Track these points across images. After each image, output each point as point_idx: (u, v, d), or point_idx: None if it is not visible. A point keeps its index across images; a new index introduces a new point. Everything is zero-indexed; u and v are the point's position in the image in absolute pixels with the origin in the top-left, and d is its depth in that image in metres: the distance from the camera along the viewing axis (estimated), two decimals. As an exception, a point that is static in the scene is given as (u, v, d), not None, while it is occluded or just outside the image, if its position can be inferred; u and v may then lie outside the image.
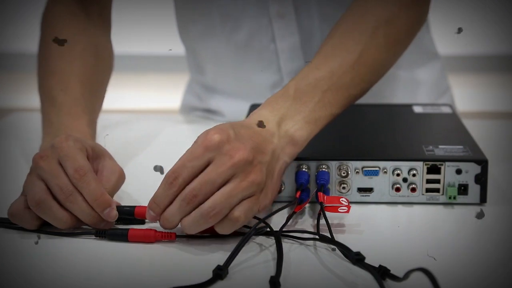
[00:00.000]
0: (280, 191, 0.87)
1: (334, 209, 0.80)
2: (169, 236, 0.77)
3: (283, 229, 0.79)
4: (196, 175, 0.76)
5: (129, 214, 0.82)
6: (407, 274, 0.65)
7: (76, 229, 0.80)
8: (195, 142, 0.77)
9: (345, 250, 0.74)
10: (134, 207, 0.82)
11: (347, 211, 0.80)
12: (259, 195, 0.77)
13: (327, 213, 0.80)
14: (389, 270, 0.69)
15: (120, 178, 0.86)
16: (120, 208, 0.81)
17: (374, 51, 0.89)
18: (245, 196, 0.76)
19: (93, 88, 1.02)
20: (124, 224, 0.82)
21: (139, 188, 0.89)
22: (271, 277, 0.69)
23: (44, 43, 1.05)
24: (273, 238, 0.78)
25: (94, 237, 0.79)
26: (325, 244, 0.77)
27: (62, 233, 0.80)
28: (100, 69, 1.06)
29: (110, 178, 0.85)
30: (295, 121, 0.83)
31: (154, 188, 0.86)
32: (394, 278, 0.68)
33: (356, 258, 0.72)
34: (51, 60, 1.01)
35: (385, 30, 0.90)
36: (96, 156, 0.86)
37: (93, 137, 0.95)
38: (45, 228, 0.80)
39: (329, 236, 0.77)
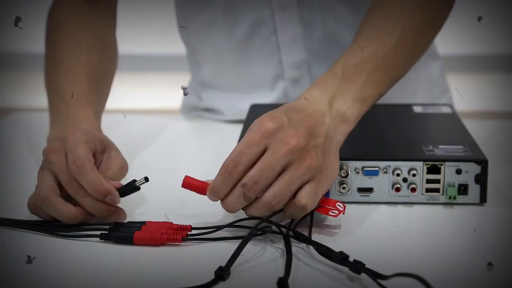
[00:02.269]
0: None
1: (325, 211, 0.80)
2: (175, 239, 0.77)
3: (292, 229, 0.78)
4: (254, 162, 0.76)
5: (132, 189, 0.82)
6: (392, 276, 0.65)
7: (82, 230, 0.80)
8: (249, 130, 0.78)
9: (327, 251, 0.73)
10: (133, 180, 0.82)
11: (336, 215, 0.80)
12: (320, 177, 0.78)
13: (321, 215, 0.81)
14: (364, 265, 0.69)
15: (122, 168, 0.89)
16: (123, 189, 0.82)
17: (412, 32, 0.91)
18: (303, 181, 0.77)
19: (99, 82, 1.03)
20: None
21: (141, 187, 0.89)
22: (279, 279, 0.68)
23: (51, 37, 1.06)
24: (280, 238, 0.77)
25: (99, 240, 0.78)
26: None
27: (67, 235, 0.79)
28: (105, 63, 1.07)
29: (111, 167, 0.87)
30: (345, 99, 0.84)
31: (154, 187, 0.86)
32: (382, 277, 0.67)
33: (341, 258, 0.71)
34: (58, 54, 1.02)
35: (420, 11, 0.92)
36: (104, 148, 0.88)
37: (100, 128, 0.96)
38: (50, 228, 0.80)
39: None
